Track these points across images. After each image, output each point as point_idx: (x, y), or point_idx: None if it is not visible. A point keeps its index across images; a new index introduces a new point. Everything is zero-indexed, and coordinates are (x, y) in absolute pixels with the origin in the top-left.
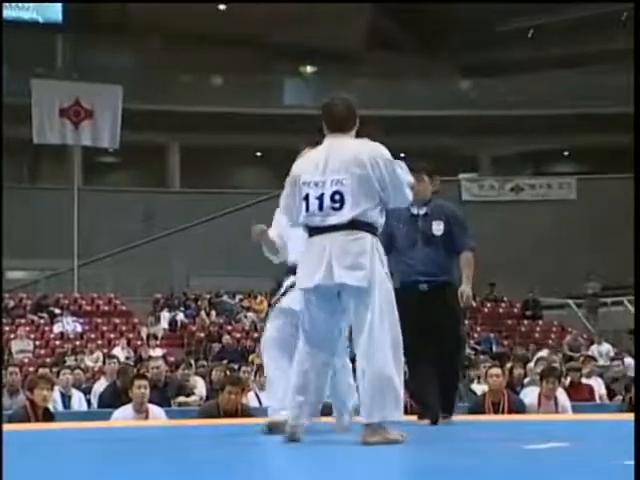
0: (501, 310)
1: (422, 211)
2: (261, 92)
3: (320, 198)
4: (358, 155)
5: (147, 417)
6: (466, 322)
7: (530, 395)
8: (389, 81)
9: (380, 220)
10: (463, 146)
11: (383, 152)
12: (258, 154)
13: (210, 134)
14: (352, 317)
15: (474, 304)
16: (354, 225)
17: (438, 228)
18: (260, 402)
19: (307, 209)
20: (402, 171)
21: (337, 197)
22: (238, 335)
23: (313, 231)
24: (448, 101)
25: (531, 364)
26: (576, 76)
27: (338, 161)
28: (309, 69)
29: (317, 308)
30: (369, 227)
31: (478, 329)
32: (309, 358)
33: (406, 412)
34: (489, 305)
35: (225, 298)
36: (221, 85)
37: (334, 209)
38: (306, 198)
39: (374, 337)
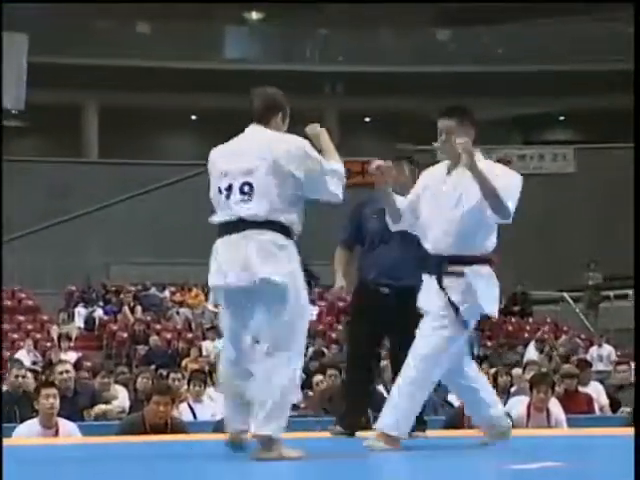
0: None
1: None
2: (197, 43)
3: (229, 189)
4: (272, 146)
5: (57, 433)
6: None
7: (517, 406)
8: (351, 31)
9: (295, 217)
10: (439, 109)
11: (300, 144)
12: (193, 117)
13: (135, 93)
14: (256, 321)
15: None
16: (265, 221)
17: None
18: (195, 415)
19: (218, 202)
20: (325, 165)
21: (246, 188)
22: (169, 335)
23: (223, 226)
24: (422, 55)
25: (518, 369)
26: (575, 25)
27: (250, 151)
28: (255, 15)
29: (228, 312)
30: (281, 223)
31: None
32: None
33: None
34: None
35: (153, 291)
36: (148, 34)
37: (243, 201)
38: (219, 190)
39: (274, 344)
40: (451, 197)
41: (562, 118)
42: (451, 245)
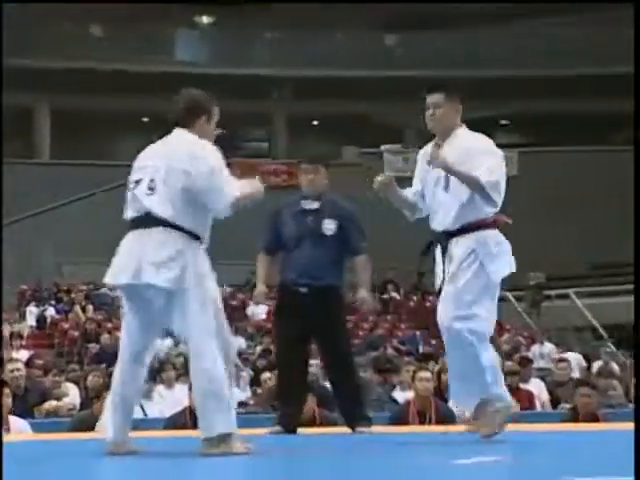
0: (429, 304)
1: (314, 206)
2: (148, 46)
3: (137, 182)
4: (181, 150)
5: (8, 431)
6: (388, 318)
7: None
8: (300, 34)
9: (200, 219)
10: (386, 113)
11: (207, 154)
12: (144, 120)
13: (87, 95)
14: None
15: (398, 297)
16: (166, 221)
17: (329, 227)
18: (145, 413)
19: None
20: (222, 180)
21: (152, 184)
22: (119, 334)
23: (132, 222)
24: (369, 59)
25: None
26: (517, 31)
27: (161, 154)
28: (205, 19)
29: (131, 312)
30: (181, 227)
31: (402, 326)
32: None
33: None
34: (415, 299)
35: (104, 290)
36: (100, 36)
37: (148, 194)
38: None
39: (194, 346)
40: (440, 179)
41: (505, 122)
42: (452, 223)
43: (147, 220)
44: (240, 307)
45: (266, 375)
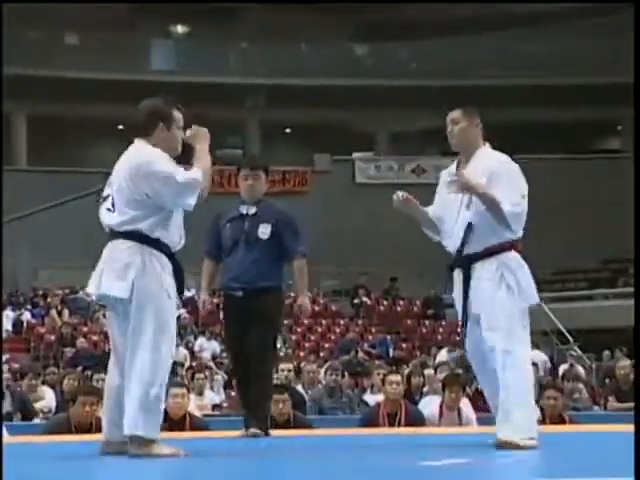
0: (399, 309)
1: (251, 211)
2: (124, 55)
3: (105, 198)
4: (130, 162)
5: None
6: (360, 322)
7: (430, 405)
8: (272, 44)
9: (163, 227)
10: (357, 121)
11: (145, 163)
12: (120, 127)
13: (63, 103)
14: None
15: (369, 302)
16: (124, 232)
17: (264, 231)
18: None
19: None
20: (176, 178)
21: (111, 199)
22: (95, 338)
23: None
24: (341, 68)
25: (430, 370)
26: (489, 42)
27: (120, 165)
28: (180, 29)
29: (109, 319)
30: (140, 236)
31: (373, 330)
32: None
33: None
34: (386, 303)
35: (80, 294)
36: (76, 45)
37: (108, 210)
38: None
39: (136, 355)
40: (461, 200)
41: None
42: (471, 245)
43: (111, 234)
44: (214, 311)
45: None
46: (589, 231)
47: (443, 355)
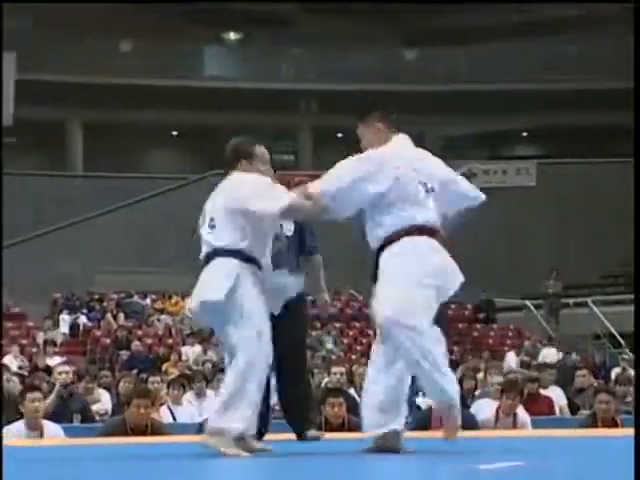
0: (451, 312)
1: None
2: (177, 62)
3: (202, 224)
4: (228, 186)
5: (42, 435)
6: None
7: (485, 409)
8: (324, 50)
9: (255, 243)
10: (408, 125)
11: (248, 179)
12: (174, 133)
13: (118, 109)
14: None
15: None
16: (223, 249)
17: (289, 228)
18: (174, 417)
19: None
20: (264, 190)
21: (212, 223)
22: (150, 341)
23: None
24: (391, 73)
25: (481, 374)
26: (536, 46)
27: (216, 193)
28: (233, 36)
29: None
30: (239, 251)
31: None
32: None
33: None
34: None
35: (135, 298)
36: (131, 52)
37: (210, 233)
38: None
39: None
40: None
41: (525, 134)
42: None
43: (210, 254)
44: None
45: None
46: (605, 235)
47: (511, 358)
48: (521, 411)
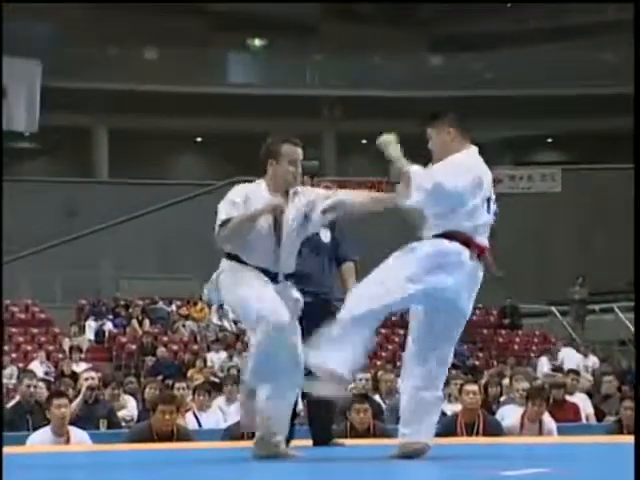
0: (475, 318)
1: None
2: (202, 68)
3: None
4: None
5: (68, 441)
6: None
7: (510, 416)
8: (349, 57)
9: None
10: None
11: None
12: (198, 140)
13: (143, 116)
14: None
15: None
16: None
17: (326, 235)
18: (200, 423)
19: None
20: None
21: None
22: (175, 347)
23: None
24: (416, 79)
25: (506, 380)
26: (560, 52)
27: None
28: (257, 42)
29: None
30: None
31: None
32: None
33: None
34: None
35: (160, 305)
36: (156, 59)
37: None
38: None
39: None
40: None
41: (550, 140)
42: None
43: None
44: None
45: None
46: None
47: (544, 363)
48: (547, 418)
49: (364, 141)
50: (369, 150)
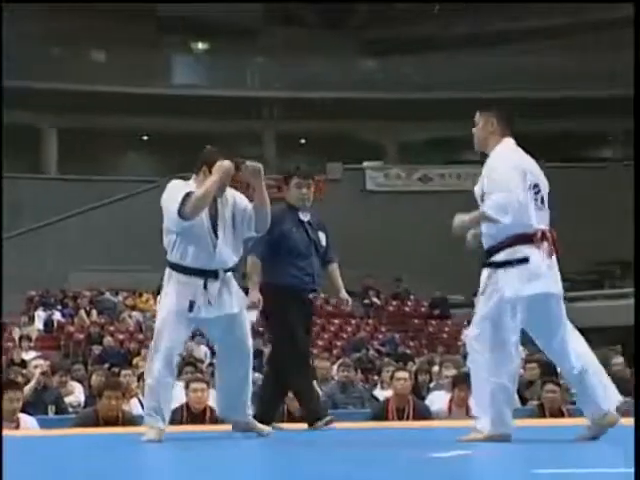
0: (407, 309)
1: (307, 218)
2: (147, 70)
3: None
4: None
5: (18, 427)
6: (370, 322)
7: (438, 401)
8: (287, 60)
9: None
10: (367, 132)
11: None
12: (144, 138)
13: (91, 115)
14: None
15: (379, 302)
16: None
17: (323, 239)
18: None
19: None
20: (169, 198)
21: None
22: (121, 336)
23: None
24: (352, 82)
25: (436, 367)
26: (489, 57)
27: None
28: (200, 45)
29: None
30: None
31: (382, 329)
32: None
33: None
34: (394, 303)
35: (107, 296)
36: (103, 61)
37: None
38: None
39: None
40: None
41: None
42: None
43: None
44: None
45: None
46: (576, 236)
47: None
48: (473, 402)
49: (302, 140)
50: (308, 149)
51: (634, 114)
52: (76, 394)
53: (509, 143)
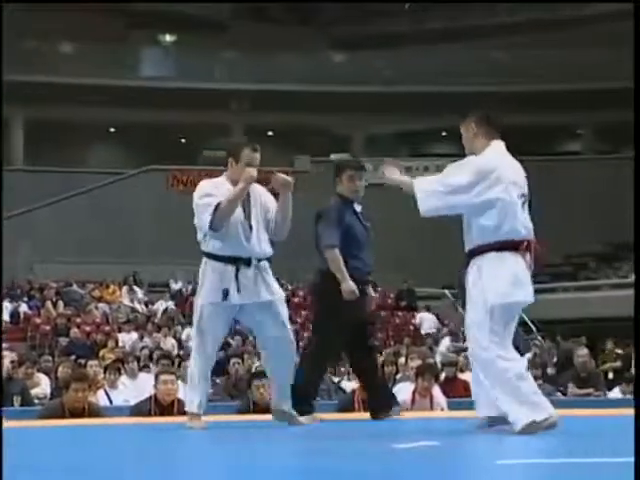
0: (374, 301)
1: (359, 209)
2: (115, 62)
3: None
4: None
5: None
6: None
7: (403, 392)
8: (257, 53)
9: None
10: (335, 124)
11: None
12: (111, 130)
13: (58, 107)
14: None
15: None
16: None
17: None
18: (110, 400)
19: None
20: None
21: None
22: (88, 328)
23: None
24: (320, 75)
25: (402, 359)
26: (457, 51)
27: None
28: (168, 38)
29: None
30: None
31: None
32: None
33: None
34: None
35: (74, 287)
36: (71, 53)
37: None
38: None
39: None
40: None
41: (444, 134)
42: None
43: None
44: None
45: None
46: (553, 228)
47: (445, 343)
48: (437, 392)
49: (270, 133)
50: (275, 141)
51: (634, 112)
52: (42, 386)
53: (497, 147)
